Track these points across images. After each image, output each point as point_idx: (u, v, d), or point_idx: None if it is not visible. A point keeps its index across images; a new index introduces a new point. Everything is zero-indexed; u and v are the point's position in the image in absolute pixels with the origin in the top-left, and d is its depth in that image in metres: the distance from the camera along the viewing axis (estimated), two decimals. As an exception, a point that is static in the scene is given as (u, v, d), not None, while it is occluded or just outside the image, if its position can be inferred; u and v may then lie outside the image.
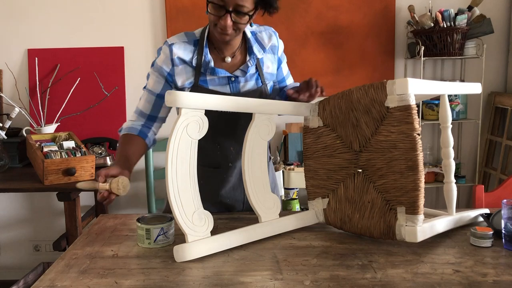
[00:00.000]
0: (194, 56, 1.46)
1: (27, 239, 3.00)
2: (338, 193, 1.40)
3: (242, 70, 1.50)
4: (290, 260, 1.20)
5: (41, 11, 2.82)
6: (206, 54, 1.46)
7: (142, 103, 1.51)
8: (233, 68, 1.50)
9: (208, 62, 1.45)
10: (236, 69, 1.50)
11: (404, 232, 1.23)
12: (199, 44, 1.47)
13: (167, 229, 1.30)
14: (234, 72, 1.49)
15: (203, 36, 1.47)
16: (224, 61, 1.49)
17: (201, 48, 1.46)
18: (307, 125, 1.47)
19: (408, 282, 1.07)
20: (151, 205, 2.67)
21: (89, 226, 1.49)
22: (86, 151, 2.31)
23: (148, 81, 1.50)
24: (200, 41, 1.47)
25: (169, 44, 1.46)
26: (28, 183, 2.27)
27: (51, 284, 1.09)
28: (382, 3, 2.83)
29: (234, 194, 1.58)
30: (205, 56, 1.45)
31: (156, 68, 1.48)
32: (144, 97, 1.50)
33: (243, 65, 1.50)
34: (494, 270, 1.12)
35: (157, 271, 1.15)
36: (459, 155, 2.97)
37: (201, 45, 1.46)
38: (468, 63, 2.91)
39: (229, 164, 1.55)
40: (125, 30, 2.84)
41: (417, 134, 1.22)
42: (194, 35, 1.49)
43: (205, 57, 1.45)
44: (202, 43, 1.46)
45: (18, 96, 2.80)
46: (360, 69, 2.88)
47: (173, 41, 1.47)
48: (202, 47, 1.46)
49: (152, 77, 1.49)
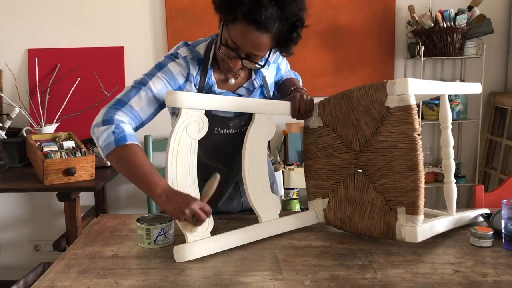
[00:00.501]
0: (197, 76, 1.36)
1: (27, 239, 3.00)
2: (338, 193, 1.40)
3: (246, 88, 1.44)
4: (290, 260, 1.20)
5: (41, 11, 2.82)
6: (210, 76, 1.37)
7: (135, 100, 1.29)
8: (236, 86, 1.43)
9: (211, 86, 1.37)
10: (240, 86, 1.43)
11: (404, 232, 1.23)
12: (203, 64, 1.36)
13: (167, 229, 1.30)
14: (237, 91, 1.43)
15: (207, 56, 1.36)
16: (228, 82, 1.41)
17: (205, 69, 1.36)
18: (307, 125, 1.47)
19: (408, 282, 1.07)
20: (151, 205, 2.66)
21: (89, 226, 1.49)
22: (86, 151, 2.31)
23: (152, 81, 1.30)
24: (205, 61, 1.36)
25: (184, 56, 1.35)
26: (28, 183, 2.27)
27: (51, 284, 1.09)
28: (382, 3, 2.83)
29: (232, 204, 1.58)
30: (209, 79, 1.37)
31: (167, 73, 1.32)
32: (141, 94, 1.29)
33: (247, 82, 1.44)
34: (494, 270, 1.12)
35: (157, 271, 1.15)
36: (459, 155, 2.97)
37: (205, 66, 1.36)
38: (468, 63, 2.91)
39: (228, 179, 1.52)
40: (125, 30, 2.84)
41: (417, 134, 1.22)
42: (198, 52, 1.37)
43: (208, 80, 1.37)
44: (206, 63, 1.36)
45: (18, 96, 2.80)
46: (360, 69, 2.88)
47: (186, 54, 1.35)
48: (206, 68, 1.36)
49: (159, 80, 1.31)
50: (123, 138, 1.20)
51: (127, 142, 1.20)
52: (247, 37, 1.22)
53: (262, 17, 1.18)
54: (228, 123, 1.39)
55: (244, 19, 1.20)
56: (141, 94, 1.29)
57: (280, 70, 1.58)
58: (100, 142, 1.22)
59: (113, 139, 1.20)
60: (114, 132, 1.20)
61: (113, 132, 1.21)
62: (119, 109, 1.27)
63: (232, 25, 1.23)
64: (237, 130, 1.41)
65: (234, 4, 1.18)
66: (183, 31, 2.80)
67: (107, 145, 1.20)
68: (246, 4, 1.17)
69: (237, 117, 1.40)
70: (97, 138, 1.24)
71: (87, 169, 2.27)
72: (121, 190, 2.98)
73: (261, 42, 1.23)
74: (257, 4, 1.17)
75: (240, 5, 1.18)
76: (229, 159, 1.46)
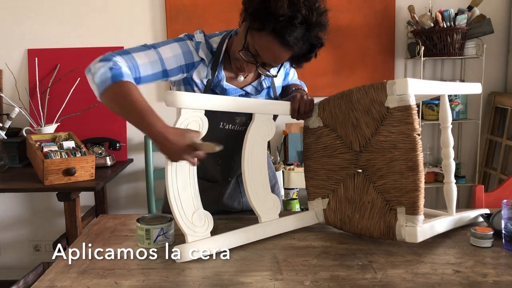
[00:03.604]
0: (208, 66, 1.36)
1: (27, 239, 2.99)
2: (338, 193, 1.40)
3: (254, 87, 1.45)
4: (290, 260, 1.20)
5: (41, 11, 2.82)
6: (220, 71, 1.37)
7: (139, 54, 1.26)
8: (244, 84, 1.44)
9: (220, 80, 1.38)
10: (248, 84, 1.44)
11: (404, 232, 1.23)
12: (214, 58, 1.36)
13: (167, 230, 1.30)
14: (245, 88, 1.44)
15: (220, 51, 1.37)
16: (236, 79, 1.42)
17: (216, 63, 1.36)
18: (307, 125, 1.47)
19: (408, 282, 1.07)
20: (151, 205, 2.66)
21: (89, 226, 1.49)
22: (86, 151, 2.31)
23: (165, 47, 1.30)
24: (217, 55, 1.36)
25: (199, 42, 1.35)
26: (28, 183, 2.27)
27: (51, 284, 1.09)
28: (382, 3, 2.83)
29: (231, 203, 1.57)
30: (218, 73, 1.37)
31: (183, 46, 1.32)
32: (147, 53, 1.27)
33: (256, 81, 1.45)
34: (494, 270, 1.12)
35: (157, 271, 1.15)
36: (459, 155, 2.97)
37: (217, 60, 1.37)
38: (468, 63, 2.90)
39: (228, 178, 1.52)
40: (125, 30, 2.84)
41: (417, 134, 1.22)
42: (212, 45, 1.37)
43: (218, 74, 1.37)
44: (218, 57, 1.37)
45: (18, 96, 2.79)
46: (360, 69, 2.87)
47: (202, 41, 1.35)
48: (217, 62, 1.37)
49: (172, 48, 1.30)
50: (120, 75, 1.16)
51: (124, 79, 1.16)
52: (270, 49, 1.24)
53: (290, 36, 1.20)
54: (235, 119, 1.40)
55: (272, 32, 1.21)
56: (147, 53, 1.28)
57: (288, 76, 1.59)
58: (96, 77, 1.17)
59: (110, 75, 1.16)
60: (111, 69, 1.17)
61: (110, 68, 1.17)
62: (120, 54, 1.23)
63: (258, 34, 1.24)
64: (242, 128, 1.41)
65: (268, 16, 1.19)
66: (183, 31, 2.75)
67: (103, 81, 1.16)
68: (279, 20, 1.18)
69: (244, 113, 1.40)
70: (92, 74, 1.18)
71: (87, 169, 2.27)
72: (121, 190, 2.98)
73: (282, 57, 1.26)
74: (289, 23, 1.19)
75: (274, 19, 1.18)
76: (229, 157, 1.46)
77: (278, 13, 1.17)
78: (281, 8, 1.17)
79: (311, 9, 1.20)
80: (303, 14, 1.19)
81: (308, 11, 1.19)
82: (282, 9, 1.17)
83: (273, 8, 1.17)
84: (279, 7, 1.17)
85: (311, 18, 1.20)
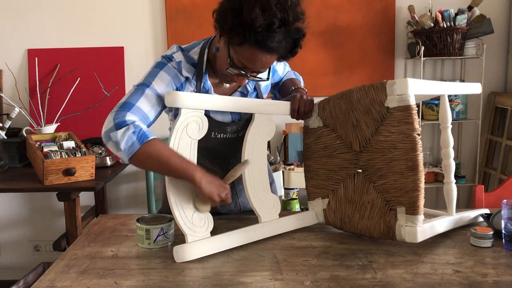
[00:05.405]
0: (193, 81, 1.35)
1: (27, 239, 3.00)
2: (338, 193, 1.40)
3: (241, 92, 1.45)
4: (290, 260, 1.20)
5: (41, 11, 2.82)
6: (206, 81, 1.36)
7: (142, 101, 1.27)
8: (231, 90, 1.44)
9: (207, 91, 1.37)
10: (235, 91, 1.44)
11: (404, 232, 1.23)
12: (197, 68, 1.35)
13: (167, 230, 1.30)
14: (232, 95, 1.43)
15: (201, 60, 1.35)
16: (223, 86, 1.42)
17: (200, 75, 1.35)
18: (307, 125, 1.47)
19: (408, 282, 1.07)
20: (151, 205, 2.66)
21: (89, 226, 1.49)
22: (86, 151, 2.31)
23: (155, 81, 1.30)
24: (199, 65, 1.35)
25: (178, 61, 1.33)
26: (28, 183, 2.27)
27: (51, 284, 1.09)
28: (382, 3, 2.83)
29: (229, 206, 1.56)
30: (205, 84, 1.36)
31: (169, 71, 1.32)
32: (147, 95, 1.28)
33: (241, 86, 1.44)
34: (494, 270, 1.12)
35: (157, 271, 1.15)
36: (459, 155, 2.97)
37: (200, 71, 1.35)
38: (468, 63, 2.90)
39: None
40: (125, 30, 2.84)
41: (417, 134, 1.22)
42: (192, 58, 1.36)
43: (204, 85, 1.36)
44: (201, 67, 1.35)
45: (18, 96, 2.80)
46: (360, 69, 2.88)
47: (181, 59, 1.34)
48: (201, 73, 1.35)
49: (162, 79, 1.31)
50: (144, 136, 1.21)
51: (149, 138, 1.21)
52: (257, 60, 1.23)
53: (272, 42, 1.18)
54: (225, 128, 1.40)
55: (254, 44, 1.19)
56: (147, 95, 1.28)
57: (277, 72, 1.57)
58: (122, 145, 1.20)
59: (135, 139, 1.20)
60: (134, 132, 1.20)
61: (133, 132, 1.20)
62: (128, 111, 1.25)
63: (240, 48, 1.22)
64: (234, 135, 1.43)
65: (245, 29, 1.17)
66: (183, 31, 2.80)
67: (131, 146, 1.20)
68: (258, 31, 1.16)
69: (234, 122, 1.41)
70: (115, 143, 1.21)
71: (87, 169, 2.27)
72: (121, 190, 2.98)
73: (269, 61, 1.25)
74: (268, 31, 1.17)
75: (252, 31, 1.16)
76: (226, 162, 1.47)
77: (254, 25, 1.15)
78: (256, 20, 1.14)
79: (285, 10, 1.17)
80: (279, 18, 1.16)
81: (283, 13, 1.17)
82: (257, 20, 1.15)
83: (248, 21, 1.15)
84: (253, 19, 1.14)
85: (287, 18, 1.18)
